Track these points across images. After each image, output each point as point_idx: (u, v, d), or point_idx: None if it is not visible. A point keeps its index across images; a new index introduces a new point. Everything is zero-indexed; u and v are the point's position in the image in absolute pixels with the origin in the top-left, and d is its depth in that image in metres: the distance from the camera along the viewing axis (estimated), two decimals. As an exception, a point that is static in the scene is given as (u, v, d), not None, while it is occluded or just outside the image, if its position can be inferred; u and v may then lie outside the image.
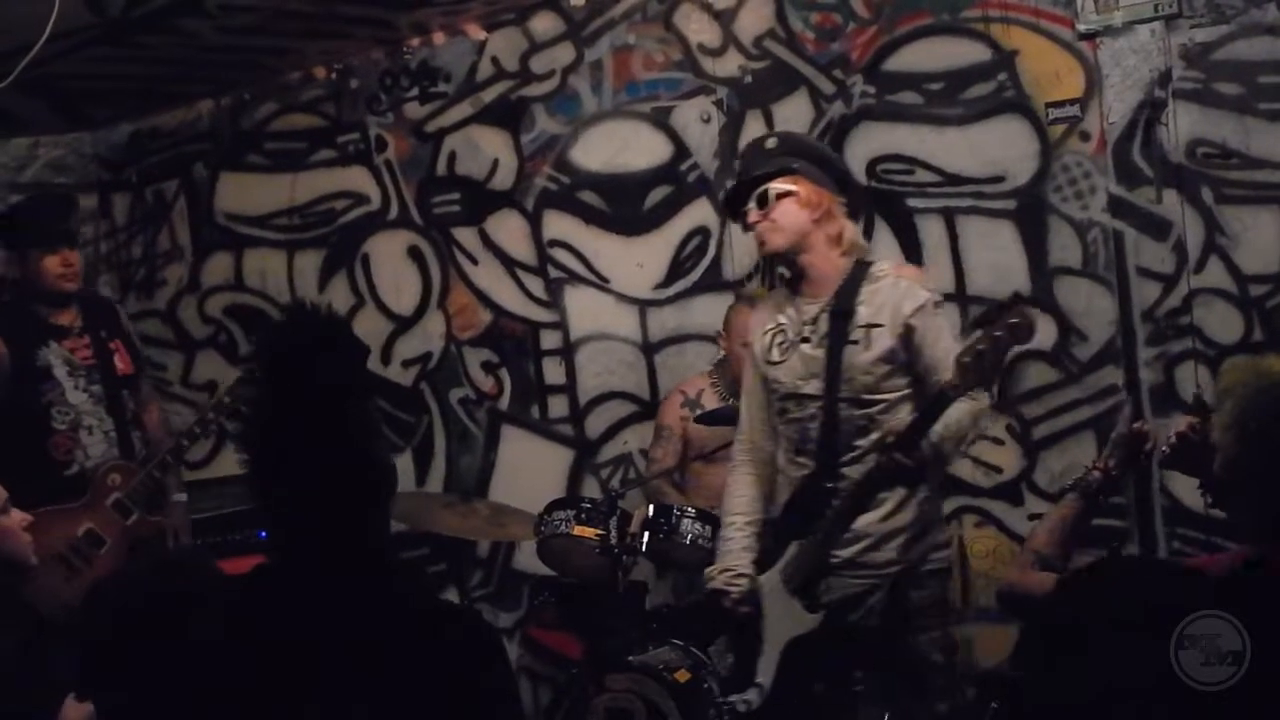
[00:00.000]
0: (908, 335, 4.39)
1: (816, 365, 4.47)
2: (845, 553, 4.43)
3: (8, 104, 6.57)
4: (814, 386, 4.48)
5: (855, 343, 4.41)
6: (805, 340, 4.53)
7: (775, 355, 4.64)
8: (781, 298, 4.73)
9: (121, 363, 6.11)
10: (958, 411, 4.25)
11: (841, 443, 4.43)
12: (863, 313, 4.44)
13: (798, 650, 4.43)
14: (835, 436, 4.39)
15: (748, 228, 4.65)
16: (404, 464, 7.17)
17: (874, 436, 4.38)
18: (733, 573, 4.69)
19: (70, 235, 6.10)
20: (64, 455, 5.91)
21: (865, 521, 4.41)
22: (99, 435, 5.98)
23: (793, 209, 4.50)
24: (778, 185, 4.51)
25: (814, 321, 4.51)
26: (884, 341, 4.38)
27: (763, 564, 4.62)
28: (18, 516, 3.87)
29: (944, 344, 4.35)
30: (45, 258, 5.93)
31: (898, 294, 4.43)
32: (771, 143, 4.66)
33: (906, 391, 4.44)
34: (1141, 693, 2.77)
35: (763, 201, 4.53)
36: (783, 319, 4.65)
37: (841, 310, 4.45)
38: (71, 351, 5.98)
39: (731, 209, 4.76)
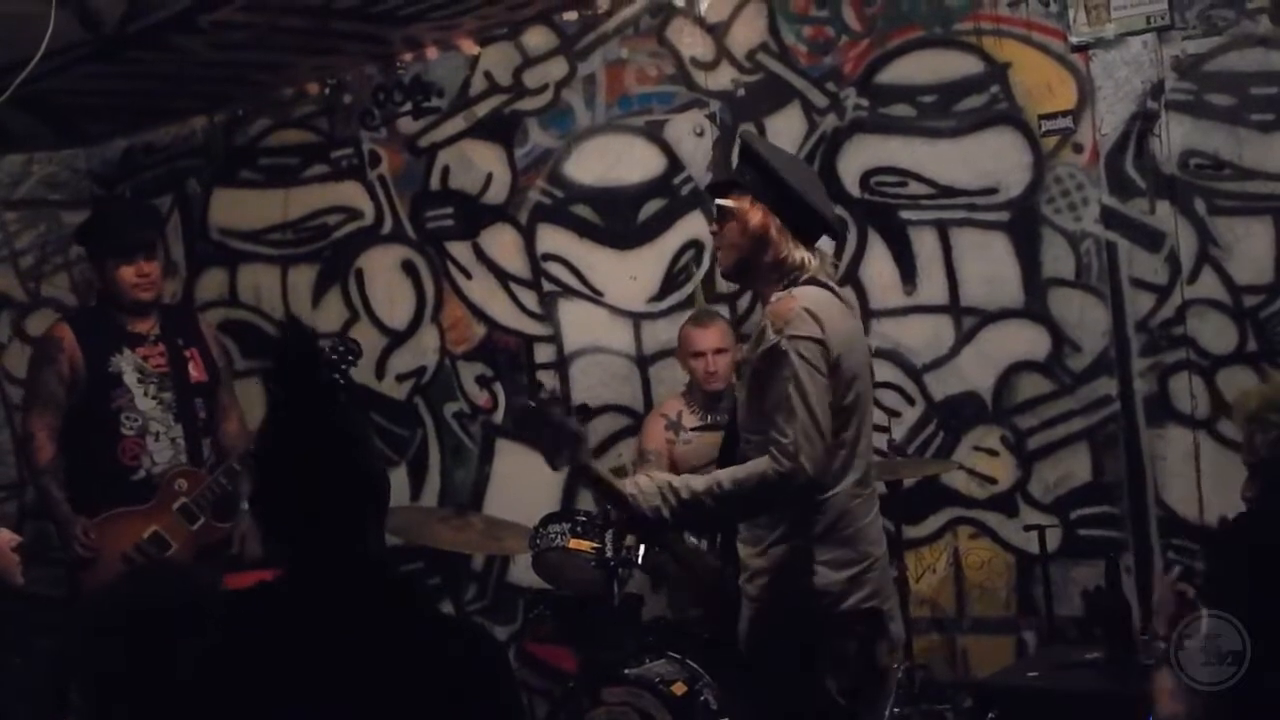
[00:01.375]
0: (754, 378, 4.14)
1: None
2: (739, 579, 4.27)
3: (1, 120, 6.58)
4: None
5: (740, 378, 4.30)
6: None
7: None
8: None
9: (196, 370, 6.18)
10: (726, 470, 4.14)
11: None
12: (749, 348, 4.27)
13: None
14: (730, 463, 4.22)
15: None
16: (398, 478, 7.16)
17: None
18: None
19: (147, 245, 6.14)
20: (131, 460, 5.99)
21: (745, 551, 4.25)
22: (165, 442, 6.04)
23: (734, 230, 4.23)
24: (723, 201, 4.28)
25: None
26: (745, 382, 4.20)
27: None
28: (6, 536, 3.88)
29: (775, 393, 4.02)
30: (121, 267, 6.03)
31: (759, 332, 4.15)
32: (738, 146, 4.46)
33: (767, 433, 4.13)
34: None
35: (718, 214, 4.31)
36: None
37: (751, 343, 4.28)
38: (145, 359, 6.07)
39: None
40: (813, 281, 4.16)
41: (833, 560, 4.15)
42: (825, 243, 4.35)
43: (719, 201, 4.27)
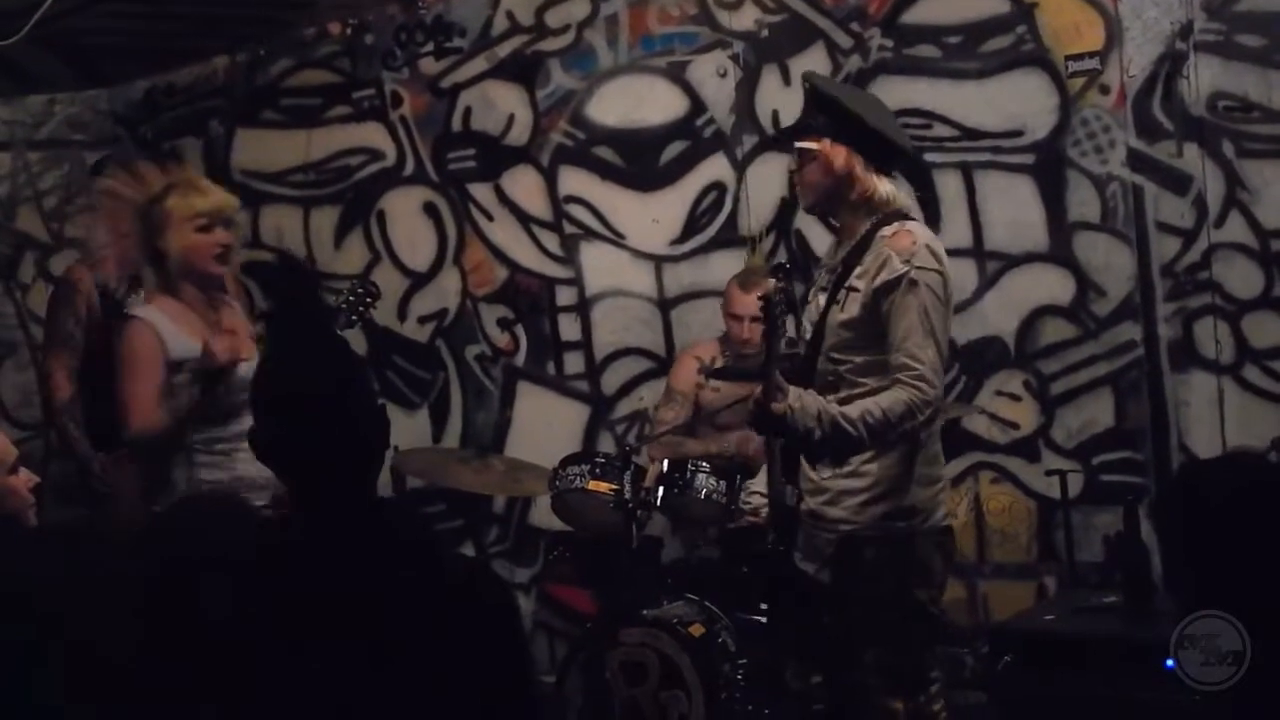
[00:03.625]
0: (874, 305, 4.29)
1: (815, 317, 4.47)
2: (811, 503, 4.44)
3: (24, 60, 6.58)
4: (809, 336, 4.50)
5: (837, 303, 4.36)
6: (823, 290, 4.52)
7: (808, 299, 4.66)
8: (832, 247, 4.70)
9: None
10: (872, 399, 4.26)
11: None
12: (855, 273, 4.36)
13: (774, 589, 4.44)
14: (808, 387, 4.33)
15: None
16: (420, 420, 7.17)
17: (842, 394, 4.33)
18: (748, 494, 4.93)
19: None
20: None
21: (824, 476, 4.42)
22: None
23: (816, 171, 4.42)
24: (803, 144, 4.44)
25: (832, 274, 4.49)
26: (853, 307, 4.30)
27: None
28: (24, 476, 3.87)
29: (906, 324, 4.23)
30: None
31: (879, 262, 4.31)
32: (807, 87, 4.53)
33: (873, 358, 4.32)
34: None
35: (799, 156, 4.49)
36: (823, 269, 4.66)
37: (842, 269, 4.40)
38: None
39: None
40: (908, 216, 4.43)
41: (922, 478, 4.39)
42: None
43: (800, 144, 4.44)
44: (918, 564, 4.39)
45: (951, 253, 5.98)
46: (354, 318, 5.56)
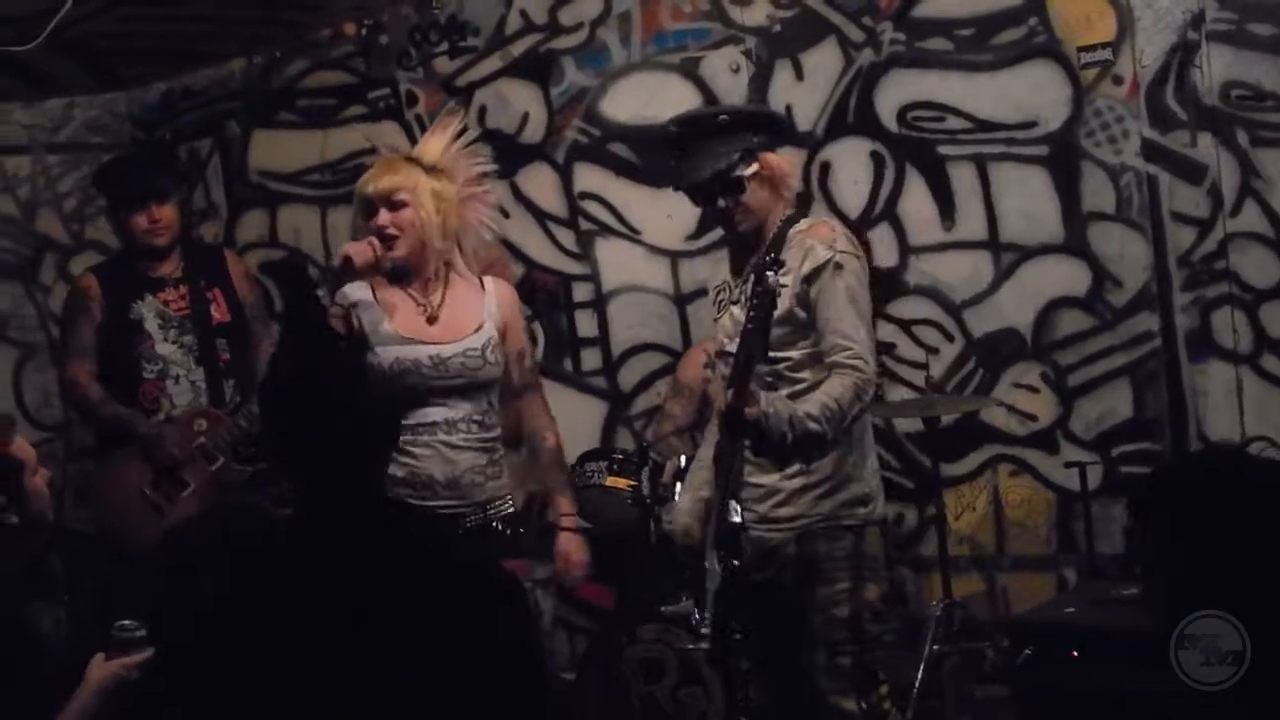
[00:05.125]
0: (804, 295, 4.36)
1: (738, 324, 4.42)
2: (760, 509, 4.45)
3: (42, 64, 6.62)
4: (735, 345, 4.43)
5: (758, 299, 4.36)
6: (734, 302, 4.57)
7: (716, 313, 4.74)
8: (731, 252, 4.75)
9: (218, 312, 6.20)
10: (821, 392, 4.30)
11: None
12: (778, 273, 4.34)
13: (720, 602, 4.44)
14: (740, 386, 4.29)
15: (716, 214, 4.63)
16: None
17: (783, 391, 4.34)
18: (673, 514, 4.85)
19: (158, 191, 6.17)
20: (150, 403, 6.05)
21: (773, 478, 4.46)
22: (185, 385, 6.09)
23: (759, 190, 4.49)
24: (745, 170, 4.47)
25: (745, 280, 4.49)
26: (783, 302, 4.27)
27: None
28: (44, 474, 3.91)
29: (835, 307, 4.32)
30: (133, 215, 6.10)
31: (801, 253, 4.39)
32: (724, 120, 4.59)
33: (810, 350, 4.40)
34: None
35: (733, 187, 4.48)
36: (727, 277, 4.72)
37: (760, 268, 4.35)
38: (166, 303, 6.12)
39: (695, 194, 4.69)
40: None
41: (870, 467, 4.50)
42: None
43: (742, 174, 4.46)
44: (869, 556, 4.48)
45: (966, 245, 6.12)
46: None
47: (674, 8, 6.63)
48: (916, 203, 6.20)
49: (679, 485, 5.53)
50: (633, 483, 5.58)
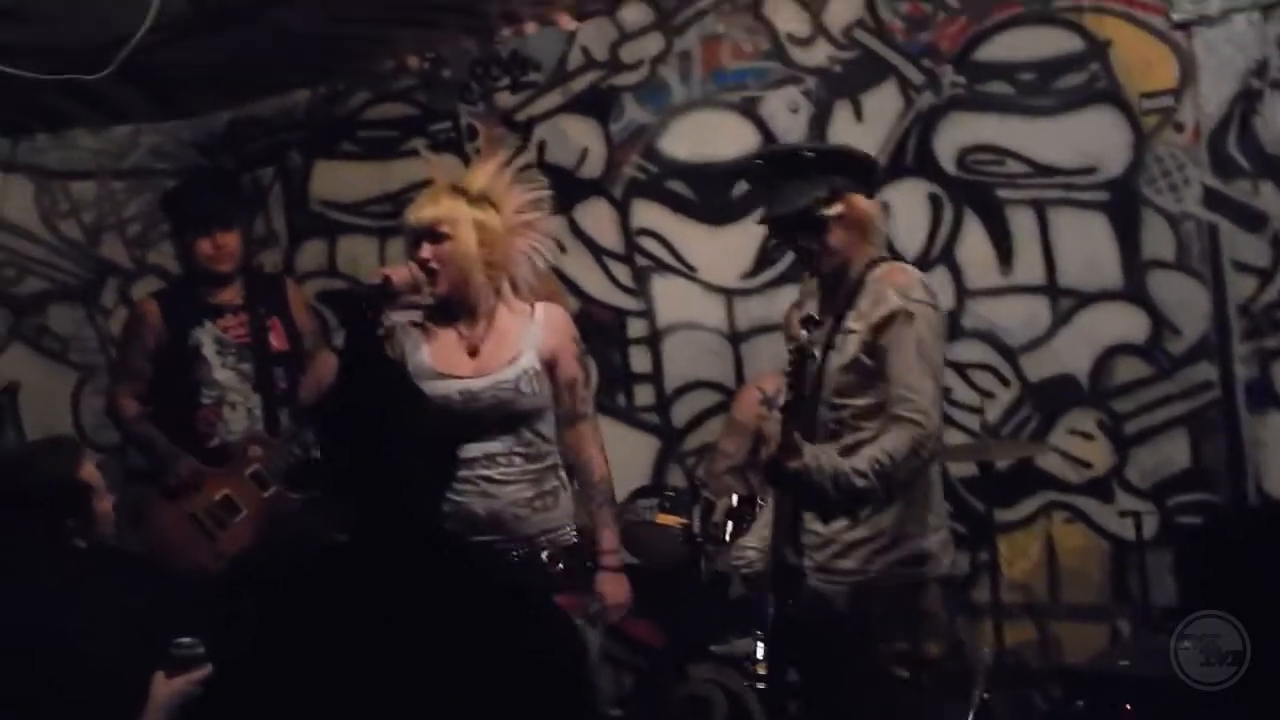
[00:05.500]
0: (873, 343, 4.26)
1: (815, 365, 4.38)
2: (818, 557, 4.37)
3: (110, 92, 6.69)
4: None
5: (834, 348, 4.32)
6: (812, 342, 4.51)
7: (787, 346, 4.61)
8: (815, 287, 4.64)
9: (277, 340, 6.25)
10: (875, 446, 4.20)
11: (816, 443, 4.28)
12: (850, 316, 4.33)
13: (776, 644, 4.39)
14: (811, 438, 4.25)
15: (798, 251, 4.55)
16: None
17: (846, 440, 4.27)
18: (741, 551, 4.72)
19: (224, 218, 6.25)
20: (206, 429, 6.10)
21: (833, 528, 4.35)
22: (242, 411, 6.14)
23: (842, 231, 4.37)
24: (829, 210, 4.36)
25: (817, 325, 4.38)
26: (851, 348, 4.27)
27: None
28: (111, 499, 3.97)
29: (903, 357, 4.20)
30: (197, 241, 6.16)
31: (875, 299, 4.29)
32: (810, 156, 4.50)
33: (876, 400, 4.27)
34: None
35: (816, 227, 4.38)
36: (812, 312, 4.56)
37: (838, 312, 4.37)
38: (225, 330, 6.17)
39: (777, 230, 4.65)
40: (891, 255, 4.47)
41: (932, 524, 4.35)
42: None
43: (826, 214, 4.34)
44: (929, 614, 4.36)
45: (1024, 289, 6.08)
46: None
47: (735, 46, 6.64)
48: (974, 246, 6.18)
49: (730, 524, 5.53)
50: (684, 520, 5.57)
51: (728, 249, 6.67)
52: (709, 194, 6.71)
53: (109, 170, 7.73)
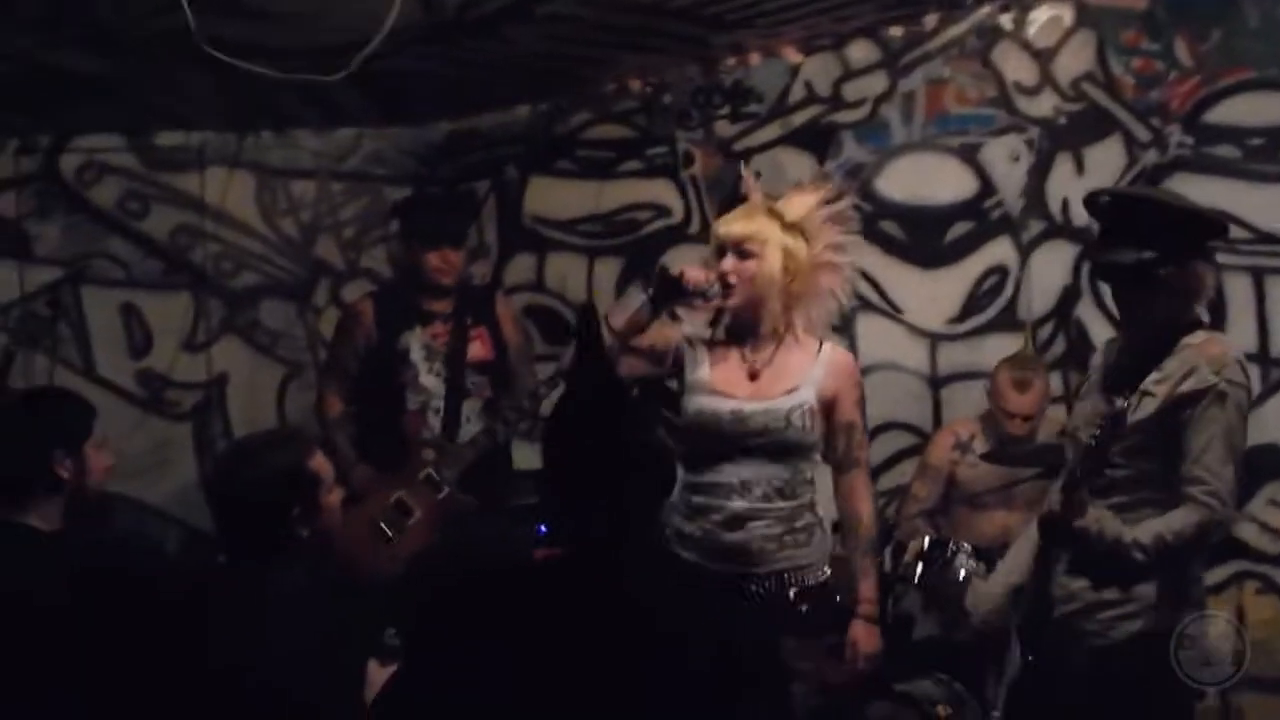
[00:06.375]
0: (1173, 413, 4.17)
1: (1095, 416, 4.33)
2: (1061, 609, 4.33)
3: (337, 95, 6.84)
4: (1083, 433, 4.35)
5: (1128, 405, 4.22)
6: (1107, 390, 4.43)
7: (1083, 391, 4.63)
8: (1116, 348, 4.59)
9: (481, 349, 6.37)
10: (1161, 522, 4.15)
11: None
12: (1152, 377, 4.25)
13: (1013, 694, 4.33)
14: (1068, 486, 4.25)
15: (1120, 301, 4.44)
16: (682, 476, 7.22)
17: (1112, 500, 4.23)
18: (977, 596, 4.76)
19: (456, 236, 6.43)
20: (414, 433, 6.23)
21: (1079, 585, 4.29)
22: (443, 416, 6.26)
23: (1169, 292, 4.27)
24: (1165, 270, 4.24)
25: (1117, 374, 4.40)
26: (1147, 410, 4.19)
27: None
28: (339, 494, 4.05)
29: (1207, 438, 4.14)
30: (428, 253, 6.30)
31: (1185, 368, 4.20)
32: (1162, 208, 4.35)
33: (1153, 467, 4.22)
34: None
35: (1147, 282, 4.25)
36: (1112, 358, 4.56)
37: (1135, 371, 4.32)
38: (434, 337, 6.31)
39: (1105, 274, 4.62)
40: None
41: (1183, 600, 4.18)
42: None
43: (1161, 272, 4.21)
44: (1171, 689, 4.18)
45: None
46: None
47: (959, 92, 6.63)
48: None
49: (921, 565, 5.53)
50: (875, 559, 5.56)
51: (935, 293, 6.69)
52: (921, 236, 6.71)
53: (329, 172, 7.85)
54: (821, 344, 4.73)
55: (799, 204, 4.71)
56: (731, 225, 4.67)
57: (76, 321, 7.34)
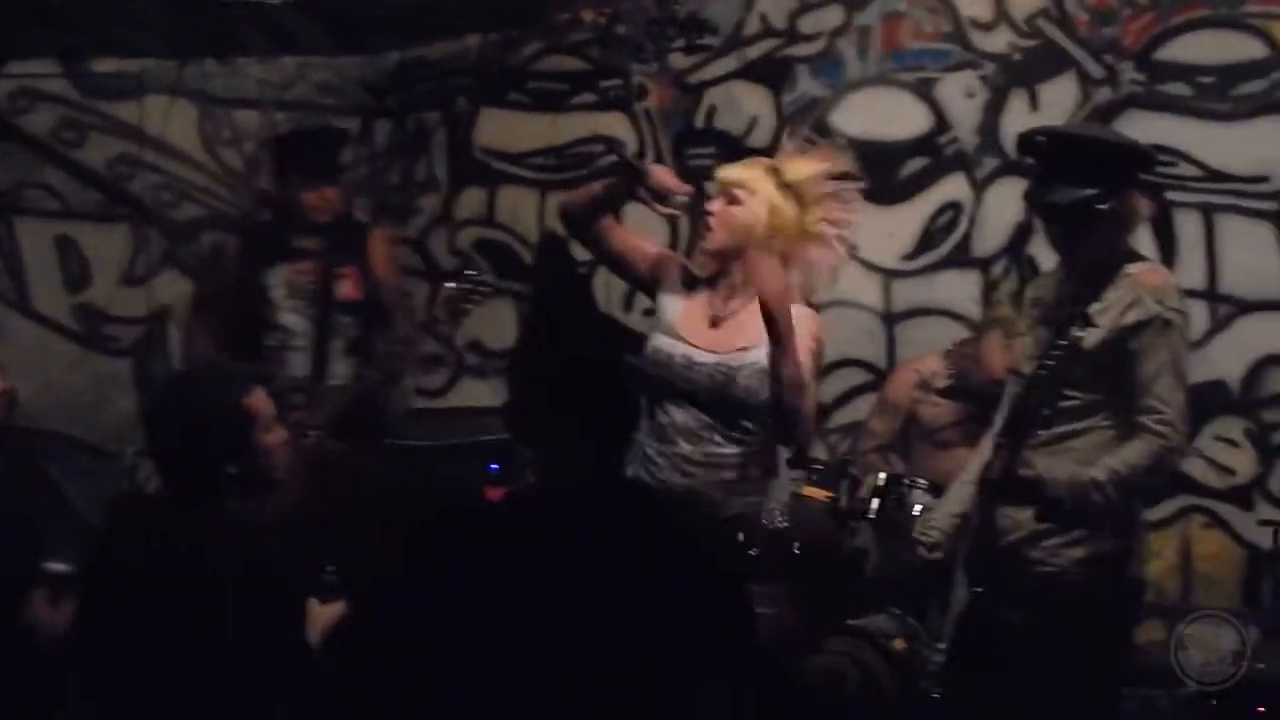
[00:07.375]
0: (1118, 343, 4.24)
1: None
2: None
3: (285, 21, 6.75)
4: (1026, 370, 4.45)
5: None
6: (1045, 323, 4.51)
7: (1022, 328, 4.71)
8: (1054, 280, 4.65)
9: (349, 288, 6.24)
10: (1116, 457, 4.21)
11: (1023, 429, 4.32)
12: (1094, 308, 4.27)
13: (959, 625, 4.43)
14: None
15: (1060, 238, 4.49)
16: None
17: (1056, 430, 4.28)
18: (925, 526, 4.70)
19: (330, 171, 6.36)
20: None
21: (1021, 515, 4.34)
22: (306, 356, 6.16)
23: (1110, 226, 4.35)
24: (1105, 205, 4.30)
25: (1056, 308, 4.47)
26: (1089, 341, 4.21)
27: None
28: (280, 434, 3.98)
29: (1157, 364, 4.21)
30: (302, 189, 6.20)
31: (1128, 298, 4.27)
32: (1099, 143, 4.45)
33: (1097, 397, 4.29)
34: None
35: (1089, 219, 4.31)
36: (1046, 293, 4.62)
37: (1081, 302, 4.34)
38: (300, 275, 6.20)
39: (1044, 214, 4.61)
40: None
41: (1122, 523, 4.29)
42: None
43: (1101, 208, 4.26)
44: (1111, 616, 4.34)
45: (1184, 293, 6.03)
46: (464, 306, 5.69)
47: (915, 27, 6.63)
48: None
49: (876, 501, 5.56)
50: (830, 494, 5.59)
51: (890, 229, 6.67)
52: (876, 173, 6.67)
53: (273, 101, 7.72)
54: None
55: (801, 166, 4.68)
56: (728, 170, 4.69)
57: (10, 254, 7.26)
